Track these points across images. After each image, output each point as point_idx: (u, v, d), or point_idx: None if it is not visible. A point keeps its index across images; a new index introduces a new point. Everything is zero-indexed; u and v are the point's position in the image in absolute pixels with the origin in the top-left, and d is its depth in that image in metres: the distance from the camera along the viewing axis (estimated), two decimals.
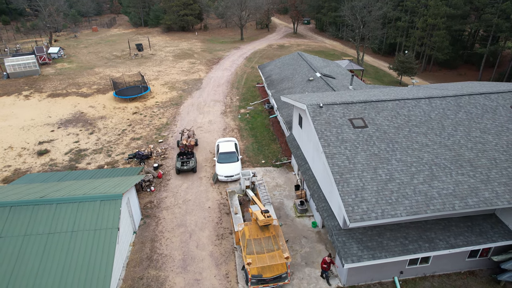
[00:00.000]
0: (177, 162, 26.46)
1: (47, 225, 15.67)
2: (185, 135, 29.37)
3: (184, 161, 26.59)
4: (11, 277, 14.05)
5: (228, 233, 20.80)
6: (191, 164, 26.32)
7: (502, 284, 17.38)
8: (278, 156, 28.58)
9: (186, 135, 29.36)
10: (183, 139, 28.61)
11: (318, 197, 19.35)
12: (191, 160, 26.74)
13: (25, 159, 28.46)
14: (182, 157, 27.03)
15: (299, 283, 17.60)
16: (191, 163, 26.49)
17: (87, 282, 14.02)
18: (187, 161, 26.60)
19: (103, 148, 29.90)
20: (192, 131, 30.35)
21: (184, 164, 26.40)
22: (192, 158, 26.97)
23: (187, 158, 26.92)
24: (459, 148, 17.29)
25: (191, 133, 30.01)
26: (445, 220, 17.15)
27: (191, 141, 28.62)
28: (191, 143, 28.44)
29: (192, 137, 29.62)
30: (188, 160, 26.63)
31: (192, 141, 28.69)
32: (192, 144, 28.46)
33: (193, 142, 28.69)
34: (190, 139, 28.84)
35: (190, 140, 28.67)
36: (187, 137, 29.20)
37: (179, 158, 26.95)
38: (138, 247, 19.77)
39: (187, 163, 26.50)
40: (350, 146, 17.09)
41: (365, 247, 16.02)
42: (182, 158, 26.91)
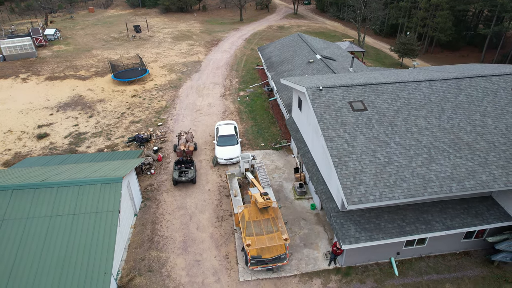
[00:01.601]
0: (174, 172, 23.40)
1: (49, 208, 15.86)
2: (182, 139, 26.78)
3: (182, 170, 23.67)
4: (16, 257, 14.34)
5: (228, 215, 21.08)
6: (190, 175, 23.28)
7: (496, 264, 17.76)
8: (278, 139, 28.61)
9: (184, 139, 26.76)
10: (181, 144, 26.02)
11: (317, 179, 19.50)
12: (190, 170, 23.69)
13: (25, 143, 28.51)
14: (180, 166, 24.09)
15: (297, 264, 17.98)
16: (190, 173, 23.45)
17: (90, 263, 14.31)
18: (186, 170, 23.67)
19: (103, 131, 29.90)
20: (190, 134, 27.46)
21: (182, 174, 23.45)
22: (191, 168, 23.94)
23: (185, 167, 23.98)
24: (458, 131, 17.30)
25: (189, 137, 27.18)
26: (442, 202, 17.35)
27: (189, 146, 26.00)
28: (189, 149, 25.87)
29: (190, 141, 26.87)
30: (186, 170, 23.66)
31: (190, 146, 26.00)
32: (191, 149, 25.88)
33: (192, 148, 25.99)
34: (188, 144, 26.26)
35: (188, 145, 26.10)
36: (185, 141, 26.61)
37: (177, 167, 23.98)
38: (139, 229, 20.08)
39: (185, 173, 23.55)
40: (349, 129, 17.09)
41: (363, 229, 16.28)
42: (180, 167, 23.99)
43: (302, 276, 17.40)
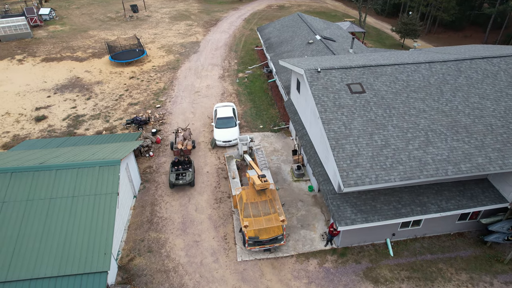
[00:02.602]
0: (171, 174, 21.60)
1: (48, 191, 16.02)
2: (180, 136, 24.74)
3: (180, 172, 21.84)
4: (17, 238, 14.60)
5: (226, 197, 21.31)
6: (188, 178, 21.48)
7: (488, 245, 18.10)
8: (276, 121, 28.55)
9: (182, 136, 24.74)
10: (178, 142, 24.05)
11: (314, 162, 19.59)
12: (188, 172, 21.82)
13: (23, 125, 28.48)
14: (178, 168, 22.33)
15: (294, 244, 18.31)
16: (188, 176, 21.60)
17: (90, 244, 14.59)
18: (184, 173, 21.80)
19: (101, 113, 29.81)
20: (188, 131, 25.53)
21: (179, 177, 21.63)
22: (190, 170, 22.21)
23: (183, 169, 22.27)
24: (457, 114, 17.24)
25: (187, 134, 25.26)
26: (438, 185, 17.50)
27: (187, 145, 24.16)
28: (187, 148, 24.04)
29: (188, 138, 25.03)
30: (184, 172, 21.80)
31: (189, 145, 24.18)
32: (189, 148, 24.06)
33: (190, 146, 24.16)
34: (186, 142, 24.38)
35: (186, 143, 24.26)
36: (183, 139, 24.61)
37: (174, 168, 22.23)
38: (139, 211, 20.35)
39: (183, 176, 21.69)
40: (347, 112, 17.03)
41: (359, 211, 16.49)
42: (178, 169, 22.24)
43: (299, 256, 17.76)
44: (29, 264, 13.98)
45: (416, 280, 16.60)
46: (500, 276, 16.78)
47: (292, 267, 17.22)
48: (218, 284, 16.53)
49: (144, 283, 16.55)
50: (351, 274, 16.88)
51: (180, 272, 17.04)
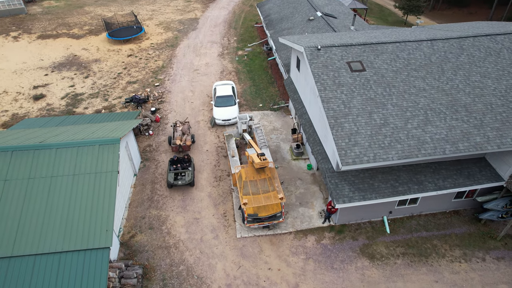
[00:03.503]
0: (169, 173, 20.27)
1: (49, 169, 16.16)
2: (178, 130, 23.41)
3: (179, 172, 20.50)
4: (21, 215, 14.88)
5: (226, 175, 21.52)
6: (188, 178, 20.15)
7: (483, 222, 18.45)
8: (276, 99, 28.40)
9: (180, 131, 23.41)
10: (176, 138, 22.77)
11: (313, 140, 19.66)
12: (187, 171, 20.48)
13: (22, 104, 28.37)
14: (176, 167, 20.91)
15: (293, 222, 18.66)
16: (188, 176, 20.27)
17: (92, 221, 14.87)
18: (183, 172, 20.51)
19: (100, 92, 29.61)
20: (187, 125, 24.11)
21: (178, 177, 20.32)
22: (189, 169, 20.79)
23: (182, 168, 20.90)
24: (457, 93, 17.14)
25: (186, 128, 23.84)
26: (435, 163, 17.63)
27: (186, 140, 22.83)
28: (187, 143, 22.72)
29: (187, 133, 23.57)
30: (183, 172, 20.50)
31: (188, 140, 22.82)
32: (188, 144, 22.72)
33: (189, 142, 22.79)
34: (185, 137, 23.05)
35: (185, 139, 22.95)
36: (181, 133, 23.32)
37: (172, 167, 20.82)
38: (139, 189, 20.61)
39: (182, 176, 20.40)
40: (347, 90, 16.93)
41: (357, 189, 16.70)
42: (176, 168, 20.84)
43: (297, 233, 18.14)
44: (34, 240, 14.31)
45: (411, 256, 17.03)
46: (492, 252, 17.20)
47: (290, 244, 17.63)
48: (218, 259, 16.97)
49: (146, 258, 16.99)
50: (348, 250, 17.30)
51: (180, 248, 17.46)
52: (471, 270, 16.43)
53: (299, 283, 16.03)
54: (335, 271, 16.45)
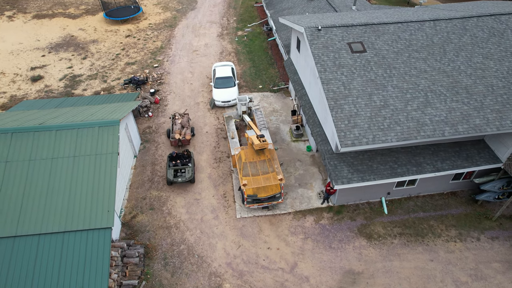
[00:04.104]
0: (169, 170, 19.46)
1: (50, 151, 16.24)
2: (177, 123, 22.30)
3: (179, 168, 19.67)
4: (23, 196, 15.06)
5: (225, 157, 21.64)
6: (188, 175, 19.35)
7: (479, 203, 18.70)
8: (276, 81, 28.19)
9: (179, 123, 22.34)
10: (176, 131, 21.71)
11: (313, 122, 19.66)
12: (187, 168, 19.64)
13: (20, 86, 28.16)
14: (176, 163, 20.00)
15: (292, 202, 18.91)
16: (188, 172, 19.45)
17: (94, 202, 15.07)
18: (183, 168, 19.69)
19: (98, 73, 29.35)
20: (186, 117, 23.03)
21: (178, 174, 19.56)
22: (189, 165, 19.94)
23: (182, 164, 20.04)
24: (458, 75, 17.01)
25: (185, 121, 22.70)
26: (434, 145, 17.70)
27: (186, 134, 21.81)
28: (186, 137, 21.71)
29: (187, 126, 22.50)
30: (183, 168, 19.67)
31: (187, 134, 21.78)
32: (187, 138, 21.71)
33: (189, 136, 21.75)
34: (184, 130, 22.02)
35: (185, 132, 21.94)
36: (181, 127, 22.24)
37: (171, 164, 19.93)
38: (140, 170, 20.77)
39: (182, 173, 19.64)
40: (347, 72, 16.80)
41: (356, 170, 16.84)
42: (176, 164, 19.93)
43: (296, 213, 18.41)
44: (37, 220, 14.54)
45: (408, 236, 17.35)
46: (487, 232, 17.52)
47: (289, 224, 17.92)
48: (218, 239, 17.30)
49: (147, 238, 17.32)
50: (346, 231, 17.61)
51: (181, 228, 17.77)
52: (465, 249, 16.78)
53: (297, 262, 16.40)
54: (333, 250, 16.80)
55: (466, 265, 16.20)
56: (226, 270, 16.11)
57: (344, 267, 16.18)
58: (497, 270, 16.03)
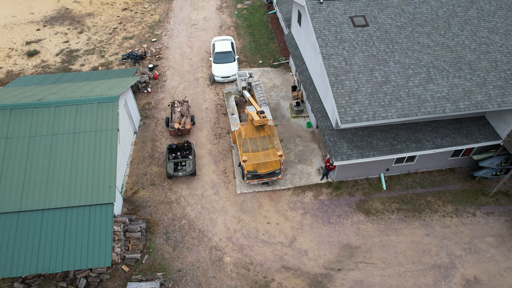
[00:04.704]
0: (169, 163, 18.65)
1: (49, 127, 16.22)
2: (176, 112, 21.23)
3: (179, 161, 18.85)
4: (25, 172, 15.20)
5: (225, 133, 21.65)
6: (189, 168, 18.55)
7: (477, 180, 18.87)
8: (276, 56, 27.72)
9: (179, 112, 21.27)
10: (175, 120, 20.67)
11: (313, 98, 19.51)
12: (188, 160, 18.79)
13: (16, 61, 27.72)
14: (175, 155, 19.13)
15: (291, 178, 19.09)
16: (189, 166, 18.63)
17: (95, 178, 15.23)
18: (183, 161, 18.84)
19: (95, 48, 28.81)
20: (186, 105, 21.94)
21: (178, 168, 18.80)
22: (190, 157, 19.12)
23: (182, 156, 19.22)
24: (462, 50, 16.69)
25: (185, 109, 21.70)
26: (435, 122, 17.64)
27: (186, 123, 20.84)
28: (186, 127, 20.74)
29: (186, 115, 21.49)
30: (184, 161, 18.83)
31: (187, 124, 20.81)
32: (187, 128, 20.73)
33: (189, 125, 20.78)
34: (184, 119, 21.02)
35: (184, 121, 20.94)
36: (180, 115, 21.20)
37: (171, 156, 19.06)
38: (140, 146, 20.83)
39: (182, 166, 18.82)
40: (349, 47, 16.48)
41: (355, 147, 16.88)
42: (176, 157, 19.08)
43: (295, 189, 18.64)
44: (40, 196, 14.75)
45: (405, 211, 17.64)
46: (483, 207, 17.80)
47: (289, 199, 18.19)
48: (218, 214, 17.61)
49: (149, 213, 17.63)
50: (344, 206, 17.89)
51: (182, 204, 18.05)
52: (461, 224, 17.12)
53: (296, 236, 16.77)
54: (331, 225, 17.14)
55: (461, 239, 16.57)
56: (227, 244, 16.50)
57: (342, 241, 16.56)
58: (491, 244, 16.42)
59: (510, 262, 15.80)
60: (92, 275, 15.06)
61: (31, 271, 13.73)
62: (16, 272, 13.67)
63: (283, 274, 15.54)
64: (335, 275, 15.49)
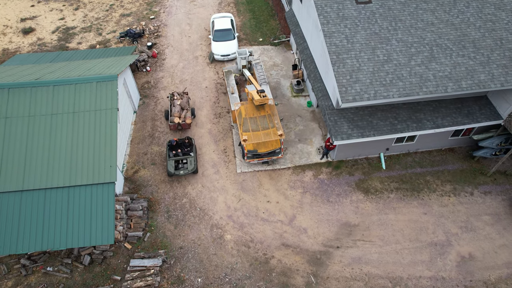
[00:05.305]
0: (169, 161, 17.84)
1: (48, 107, 16.12)
2: (176, 105, 20.18)
3: (180, 159, 18.02)
4: (26, 152, 15.25)
5: (225, 112, 21.56)
6: (191, 166, 17.73)
7: (476, 159, 18.95)
8: (277, 33, 27.19)
9: (178, 105, 20.20)
10: (174, 114, 19.67)
11: (314, 77, 19.30)
12: (189, 158, 17.97)
13: (11, 38, 27.22)
14: (176, 153, 18.37)
15: (291, 157, 19.18)
16: (190, 164, 17.82)
17: (96, 157, 15.28)
18: (184, 159, 18.04)
19: (92, 26, 28.21)
20: (186, 97, 20.87)
21: (180, 166, 18.01)
22: (191, 154, 18.30)
23: (183, 154, 18.41)
24: (466, 27, 16.35)
25: (185, 101, 20.63)
26: (436, 101, 17.52)
27: (186, 117, 19.82)
28: (186, 121, 19.75)
29: (187, 108, 20.44)
30: (185, 158, 18.02)
31: (188, 118, 19.79)
32: (188, 122, 19.76)
33: (189, 120, 19.79)
34: (184, 113, 20.01)
35: (185, 115, 19.92)
36: (180, 109, 20.18)
37: (172, 154, 18.24)
38: (140, 126, 20.79)
39: (183, 164, 18.06)
40: (351, 24, 16.15)
41: (355, 126, 16.85)
42: (177, 154, 18.35)
43: (295, 168, 18.75)
44: (41, 175, 14.86)
45: (404, 190, 17.82)
46: (481, 186, 17.97)
47: (289, 178, 18.33)
48: (219, 193, 17.81)
49: (150, 192, 17.82)
50: (344, 185, 18.06)
51: (183, 183, 18.21)
52: (458, 203, 17.33)
53: (296, 214, 17.02)
54: (330, 204, 17.37)
55: (457, 218, 16.83)
56: (227, 222, 16.78)
57: (341, 220, 16.83)
58: (487, 222, 16.69)
59: (504, 240, 16.12)
60: (95, 252, 15.40)
61: (36, 248, 14.03)
62: (22, 249, 13.98)
63: (282, 251, 15.88)
64: (334, 252, 15.83)
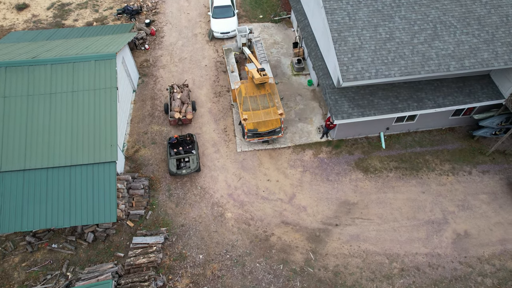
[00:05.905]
0: (170, 159, 17.23)
1: (47, 86, 15.98)
2: (176, 99, 19.33)
3: (182, 157, 17.40)
4: (26, 131, 15.27)
5: (225, 91, 21.41)
6: (193, 165, 17.14)
7: (476, 139, 18.98)
8: (277, 10, 26.58)
9: (178, 99, 19.33)
10: (174, 109, 18.89)
11: (315, 55, 19.04)
12: (191, 156, 17.36)
13: (5, 15, 26.61)
14: (178, 151, 17.72)
15: (291, 136, 19.22)
16: (193, 162, 17.22)
17: (96, 137, 15.31)
18: (186, 157, 17.42)
19: (88, 2, 27.50)
20: (186, 91, 20.00)
21: (182, 164, 17.42)
22: (193, 152, 17.63)
23: (185, 152, 17.77)
24: (472, 4, 15.97)
25: (185, 95, 19.69)
26: (438, 80, 17.36)
27: (187, 112, 18.94)
28: (187, 116, 18.87)
29: (187, 102, 19.52)
30: (187, 156, 17.40)
31: (188, 113, 18.90)
32: (188, 117, 18.90)
33: (190, 115, 18.91)
34: (185, 108, 19.15)
35: (185, 110, 19.07)
36: (180, 103, 19.27)
37: (173, 152, 17.70)
38: (139, 105, 20.70)
39: (186, 163, 17.44)
40: (353, 1, 15.76)
41: (356, 105, 16.78)
42: (178, 152, 17.71)
43: (296, 147, 18.83)
44: (43, 155, 14.95)
45: (403, 169, 17.97)
46: (479, 166, 18.10)
47: (289, 157, 18.44)
48: (219, 171, 17.96)
49: (151, 171, 17.97)
50: (343, 164, 18.18)
51: None
52: (456, 182, 17.52)
53: (296, 193, 17.24)
54: (330, 183, 17.55)
55: (455, 196, 17.05)
56: (228, 201, 17.02)
57: (340, 198, 17.07)
58: (483, 201, 16.93)
59: (500, 218, 16.41)
60: (99, 230, 15.72)
61: (41, 226, 14.32)
62: (27, 226, 14.27)
63: (282, 228, 16.20)
64: (333, 230, 16.15)
